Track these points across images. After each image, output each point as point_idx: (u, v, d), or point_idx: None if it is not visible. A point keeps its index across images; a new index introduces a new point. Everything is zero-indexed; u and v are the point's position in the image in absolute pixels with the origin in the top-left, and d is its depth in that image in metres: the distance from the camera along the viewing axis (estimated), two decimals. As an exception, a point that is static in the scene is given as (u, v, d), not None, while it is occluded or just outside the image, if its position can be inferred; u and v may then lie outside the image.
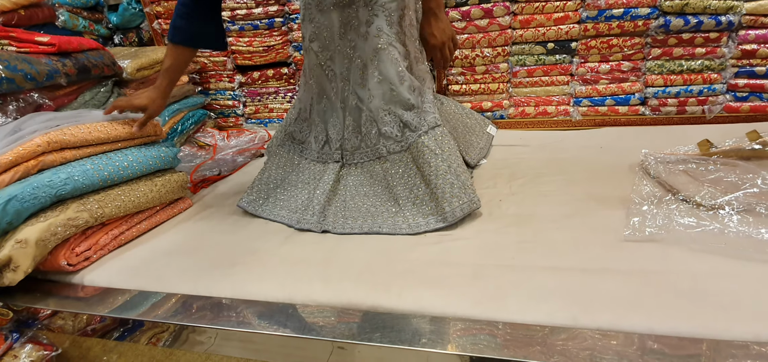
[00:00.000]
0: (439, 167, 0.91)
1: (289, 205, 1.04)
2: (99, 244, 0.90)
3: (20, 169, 0.84)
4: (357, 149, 1.04)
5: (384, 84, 0.97)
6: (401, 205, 0.95)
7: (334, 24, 0.97)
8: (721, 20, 1.23)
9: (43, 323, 0.82)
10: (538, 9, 1.35)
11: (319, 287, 0.73)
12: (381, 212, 0.95)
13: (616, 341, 0.56)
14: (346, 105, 1.03)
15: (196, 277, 0.81)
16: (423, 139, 0.94)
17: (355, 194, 1.01)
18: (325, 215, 0.97)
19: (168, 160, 1.07)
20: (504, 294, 0.66)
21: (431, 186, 0.92)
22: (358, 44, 0.97)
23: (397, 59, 0.96)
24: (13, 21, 1.30)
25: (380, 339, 0.60)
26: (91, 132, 0.94)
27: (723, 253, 0.70)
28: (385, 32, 0.95)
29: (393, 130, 0.98)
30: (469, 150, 1.21)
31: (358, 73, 0.99)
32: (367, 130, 1.01)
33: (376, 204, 0.98)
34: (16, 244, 0.78)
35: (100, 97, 1.25)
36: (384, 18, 0.95)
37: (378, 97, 0.98)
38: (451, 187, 0.89)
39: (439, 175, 0.91)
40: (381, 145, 1.00)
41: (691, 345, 0.54)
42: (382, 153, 1.00)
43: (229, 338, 0.69)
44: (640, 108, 1.40)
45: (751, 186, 0.83)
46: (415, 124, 0.96)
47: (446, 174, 0.90)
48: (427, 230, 0.89)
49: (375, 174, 1.02)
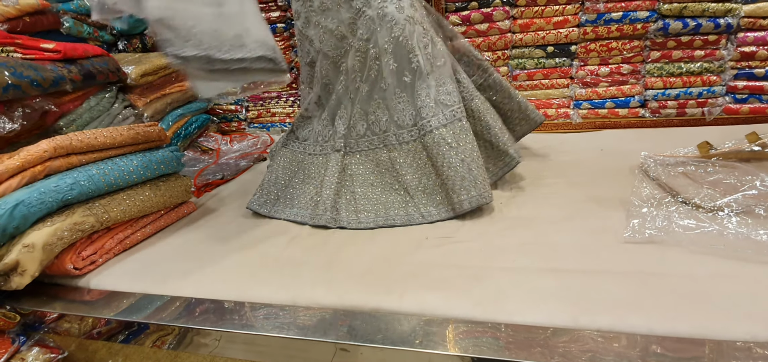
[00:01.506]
0: (452, 160, 0.91)
1: (300, 202, 1.04)
2: (105, 248, 0.91)
3: (27, 174, 0.85)
4: (362, 136, 1.03)
5: (398, 73, 0.95)
6: (411, 194, 0.95)
7: (344, 18, 0.97)
8: (719, 23, 1.24)
9: (49, 326, 0.83)
10: (537, 13, 1.36)
11: (322, 290, 0.74)
12: (393, 203, 0.96)
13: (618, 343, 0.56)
14: (357, 96, 1.02)
15: (200, 280, 0.82)
16: (441, 131, 0.93)
17: (362, 183, 1.00)
18: (338, 209, 0.98)
19: (172, 164, 1.08)
20: (504, 296, 0.66)
21: (442, 177, 0.92)
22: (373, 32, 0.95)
23: (412, 47, 0.93)
24: (18, 28, 1.32)
25: (382, 341, 0.61)
26: (97, 137, 0.95)
27: (722, 255, 0.70)
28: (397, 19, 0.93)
29: (406, 118, 0.97)
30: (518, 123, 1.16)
31: (373, 63, 0.98)
32: (376, 117, 1.00)
33: (386, 193, 0.98)
34: (24, 249, 0.79)
35: (105, 103, 1.26)
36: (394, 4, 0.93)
37: (392, 86, 0.97)
38: (461, 180, 0.90)
39: (452, 166, 0.91)
40: (391, 132, 0.99)
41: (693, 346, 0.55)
42: (391, 142, 0.99)
43: (234, 340, 0.70)
44: (640, 110, 1.41)
45: (749, 188, 0.84)
46: (431, 115, 0.94)
47: (459, 167, 0.91)
48: (439, 219, 0.91)
49: (381, 161, 1.01)
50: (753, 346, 0.54)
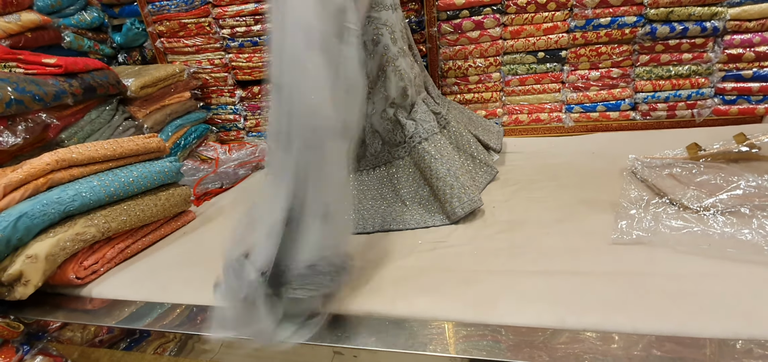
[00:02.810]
0: (439, 170, 0.98)
1: None
2: (106, 258, 0.93)
3: (30, 186, 0.87)
4: (362, 158, 1.09)
5: (389, 99, 1.03)
6: (408, 206, 1.01)
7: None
8: (706, 26, 1.27)
9: (52, 335, 0.84)
10: (527, 20, 1.39)
11: (317, 295, 0.76)
12: (390, 212, 1.00)
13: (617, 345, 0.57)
14: None
15: (200, 288, 0.84)
16: (423, 145, 1.01)
17: (363, 198, 1.05)
18: None
19: (172, 174, 1.10)
20: (494, 298, 0.68)
21: (434, 189, 0.99)
22: (366, 62, 1.02)
23: (401, 74, 1.02)
24: (20, 43, 1.35)
25: (375, 344, 0.63)
26: (98, 149, 0.97)
27: (707, 254, 0.72)
28: (390, 48, 1.01)
29: (396, 137, 1.05)
30: (490, 137, 1.25)
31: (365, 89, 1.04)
32: (370, 141, 1.07)
33: (384, 204, 1.03)
34: (27, 260, 0.81)
35: (106, 115, 1.29)
36: (388, 35, 1.00)
37: (379, 111, 1.04)
38: (451, 189, 0.95)
39: (440, 177, 0.97)
40: (385, 152, 1.07)
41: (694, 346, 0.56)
42: (387, 159, 1.07)
43: (233, 346, 0.72)
44: (630, 113, 1.43)
45: (735, 188, 0.86)
46: (414, 132, 1.03)
47: (446, 177, 0.97)
48: (433, 225, 0.95)
49: (381, 177, 1.08)
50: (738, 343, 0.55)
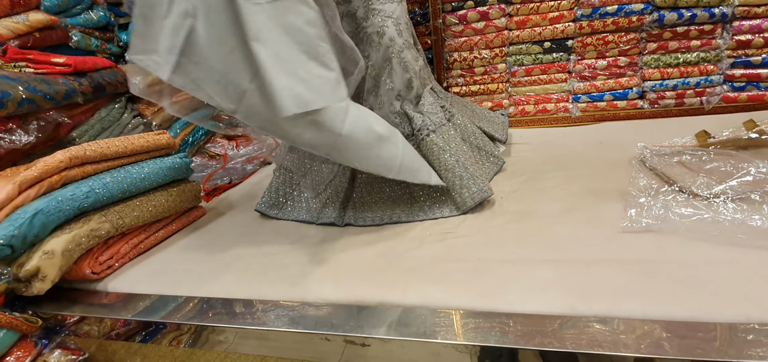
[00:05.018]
0: (448, 162, 0.97)
1: (307, 205, 1.08)
2: (120, 253, 0.95)
3: (45, 184, 0.89)
4: None
5: (394, 90, 1.03)
6: (417, 197, 1.01)
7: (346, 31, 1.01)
8: (714, 12, 1.25)
9: (70, 329, 0.86)
10: (533, 9, 1.38)
11: (329, 286, 0.77)
12: (399, 204, 1.01)
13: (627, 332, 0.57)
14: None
15: (213, 280, 0.85)
16: (432, 136, 1.00)
17: (371, 190, 1.05)
18: (345, 209, 1.02)
19: (182, 170, 1.12)
20: (504, 287, 0.69)
21: (443, 180, 0.98)
22: (371, 54, 1.02)
23: (406, 66, 1.01)
24: (28, 43, 1.36)
25: (387, 333, 0.64)
26: (109, 146, 0.98)
27: (717, 241, 0.72)
28: (396, 40, 1.00)
29: (404, 130, 1.03)
30: (495, 129, 1.26)
31: (371, 82, 1.04)
32: None
33: (393, 195, 1.03)
34: (44, 255, 0.82)
35: (115, 113, 1.30)
36: (393, 27, 1.00)
37: (387, 104, 1.04)
38: (460, 180, 0.95)
39: (449, 168, 0.97)
40: None
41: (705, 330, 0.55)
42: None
43: (247, 336, 0.73)
44: (638, 102, 1.42)
45: (745, 175, 0.85)
46: (423, 124, 1.02)
47: (455, 167, 0.96)
48: (442, 216, 0.95)
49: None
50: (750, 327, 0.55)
